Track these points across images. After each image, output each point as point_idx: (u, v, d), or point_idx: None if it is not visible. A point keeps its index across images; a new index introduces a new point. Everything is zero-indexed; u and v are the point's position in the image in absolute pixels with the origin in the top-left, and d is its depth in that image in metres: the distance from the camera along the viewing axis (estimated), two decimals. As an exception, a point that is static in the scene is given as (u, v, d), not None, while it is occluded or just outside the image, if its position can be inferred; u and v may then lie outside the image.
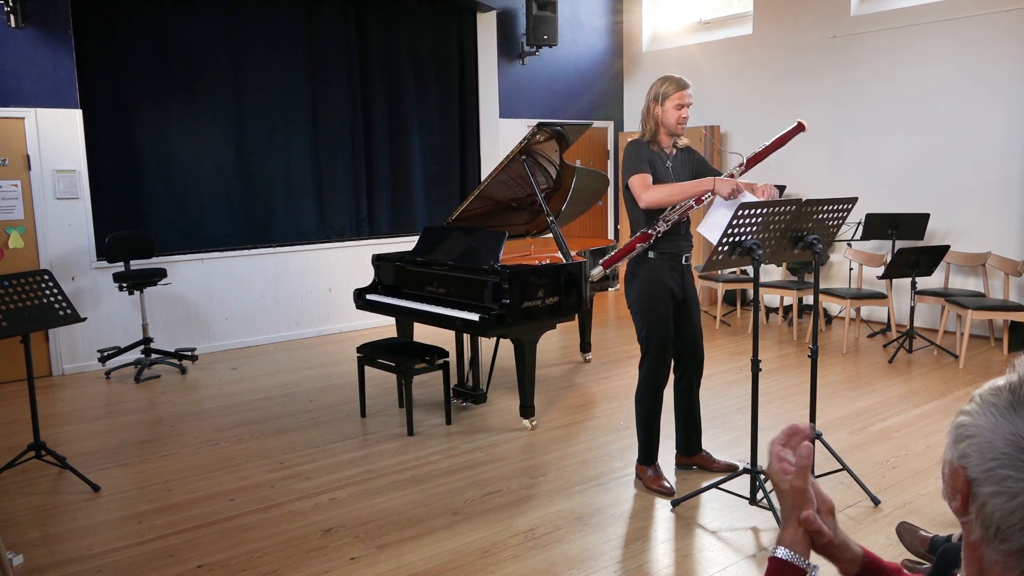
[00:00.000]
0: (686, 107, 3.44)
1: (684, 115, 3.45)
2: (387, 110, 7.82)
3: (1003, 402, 0.96)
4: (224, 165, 6.90)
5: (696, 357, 3.72)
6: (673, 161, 3.55)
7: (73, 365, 6.07)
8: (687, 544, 3.14)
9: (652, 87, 3.50)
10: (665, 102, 3.43)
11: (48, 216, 5.89)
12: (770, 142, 3.53)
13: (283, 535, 3.27)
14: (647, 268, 3.52)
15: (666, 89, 3.44)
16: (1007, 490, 0.92)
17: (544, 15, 8.03)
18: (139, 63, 6.39)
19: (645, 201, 3.40)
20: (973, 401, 1.00)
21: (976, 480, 0.96)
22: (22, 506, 3.64)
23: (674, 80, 3.46)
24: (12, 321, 3.61)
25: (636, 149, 3.50)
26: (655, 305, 3.52)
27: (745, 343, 6.58)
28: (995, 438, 0.94)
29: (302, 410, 4.99)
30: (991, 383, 1.00)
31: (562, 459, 4.06)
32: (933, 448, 4.05)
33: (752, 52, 8.02)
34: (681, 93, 3.42)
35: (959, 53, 6.54)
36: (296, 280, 7.13)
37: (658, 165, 3.49)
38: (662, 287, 3.51)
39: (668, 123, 3.45)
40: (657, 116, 3.47)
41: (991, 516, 0.94)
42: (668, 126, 3.46)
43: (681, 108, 3.43)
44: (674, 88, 3.43)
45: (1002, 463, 0.93)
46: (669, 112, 3.43)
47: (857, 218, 6.55)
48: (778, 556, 1.19)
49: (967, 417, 0.99)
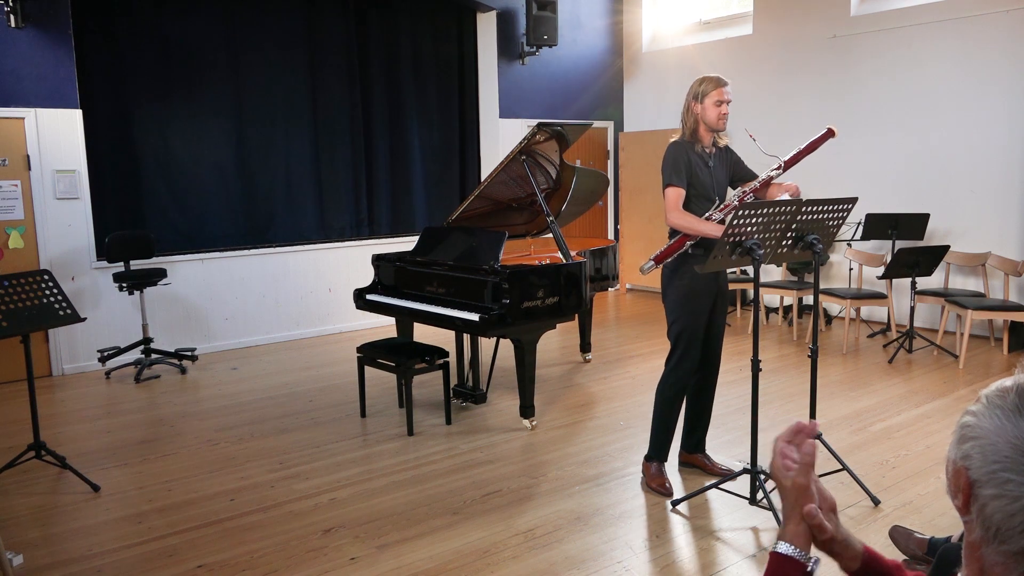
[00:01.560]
0: (725, 103, 3.51)
1: (724, 111, 3.51)
2: (387, 110, 7.82)
3: (1009, 405, 0.96)
4: (224, 165, 6.90)
5: (717, 354, 3.77)
6: (714, 160, 3.59)
7: (73, 365, 6.07)
8: (687, 544, 3.14)
9: (691, 87, 3.57)
10: (704, 99, 3.50)
11: (48, 216, 5.89)
12: (804, 146, 3.59)
13: (283, 535, 3.27)
14: (688, 267, 3.53)
15: (705, 87, 3.51)
16: (1008, 493, 0.92)
17: (544, 15, 8.03)
18: (139, 63, 6.40)
19: (669, 220, 3.50)
20: (979, 402, 1.00)
21: (978, 481, 0.96)
22: (22, 506, 3.64)
23: (712, 79, 3.54)
24: (12, 321, 3.61)
25: (677, 153, 3.53)
26: (695, 303, 3.56)
27: (745, 343, 6.58)
28: (999, 441, 0.94)
29: (302, 410, 4.99)
30: (998, 384, 1.00)
31: (562, 459, 4.06)
32: (933, 448, 4.05)
33: (752, 52, 8.02)
34: (720, 90, 3.50)
35: (959, 53, 6.54)
36: (296, 280, 7.13)
37: (699, 168, 3.53)
38: (704, 286, 3.55)
39: (709, 120, 3.51)
40: (697, 113, 3.53)
41: (991, 518, 0.94)
42: (709, 122, 3.52)
43: (720, 104, 3.50)
44: (713, 86, 3.51)
45: (1004, 466, 0.93)
46: (709, 109, 3.50)
47: (857, 218, 6.55)
48: (779, 551, 1.19)
49: (972, 418, 0.99)
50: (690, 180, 3.50)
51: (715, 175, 3.57)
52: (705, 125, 3.53)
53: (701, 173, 3.52)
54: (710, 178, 3.55)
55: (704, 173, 3.54)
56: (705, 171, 3.54)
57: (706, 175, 3.54)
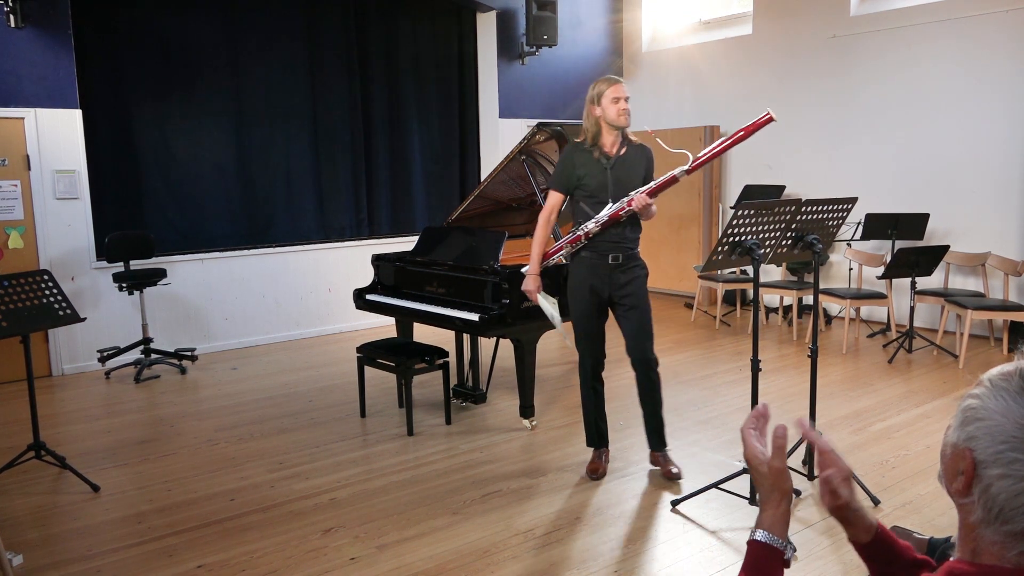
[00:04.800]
0: (623, 99, 3.54)
1: (623, 106, 3.54)
2: (387, 110, 7.82)
3: (1014, 387, 0.98)
4: (224, 165, 6.90)
5: (641, 356, 3.76)
6: (617, 162, 3.60)
7: (73, 365, 6.07)
8: (687, 544, 3.14)
9: (587, 94, 3.62)
10: (602, 100, 3.54)
11: (48, 216, 5.89)
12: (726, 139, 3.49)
13: (283, 535, 3.27)
14: (574, 265, 3.75)
15: (600, 88, 3.57)
16: (1015, 473, 0.94)
17: (544, 15, 8.03)
18: (139, 63, 6.39)
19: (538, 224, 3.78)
20: (981, 385, 1.02)
21: (983, 462, 0.97)
22: (22, 506, 3.64)
23: (605, 79, 3.61)
24: (12, 321, 3.61)
25: (565, 157, 3.68)
26: (574, 301, 3.75)
27: (745, 343, 6.58)
28: (1006, 422, 0.96)
29: (302, 410, 4.99)
30: (1000, 368, 1.01)
31: (562, 459, 4.06)
32: (933, 448, 4.05)
33: (752, 52, 8.02)
34: (614, 87, 3.54)
35: (959, 53, 6.54)
36: (296, 280, 7.13)
37: (593, 170, 3.59)
38: (582, 284, 3.69)
39: (610, 117, 3.54)
40: (598, 116, 3.57)
41: (996, 498, 0.96)
42: (611, 120, 3.54)
43: (618, 101, 3.53)
44: (607, 85, 3.56)
45: (1012, 446, 0.95)
46: (608, 107, 3.54)
47: (857, 218, 6.55)
48: (757, 539, 1.20)
49: (976, 400, 1.00)
50: (579, 183, 3.60)
51: (614, 177, 3.58)
52: (608, 125, 3.56)
53: (592, 176, 3.58)
54: (604, 180, 3.58)
55: (596, 175, 3.58)
56: (598, 174, 3.58)
57: (598, 178, 3.58)
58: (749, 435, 1.26)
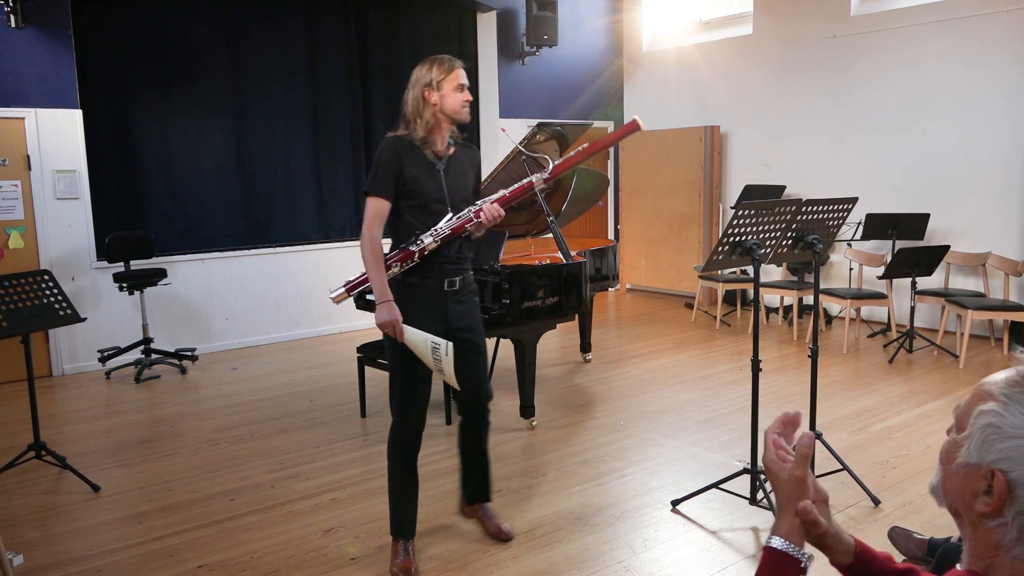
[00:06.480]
0: (466, 88, 2.90)
1: (467, 97, 2.89)
2: (387, 110, 7.81)
3: None
4: (224, 165, 6.90)
5: (477, 399, 3.09)
6: (449, 163, 2.95)
7: (73, 365, 6.07)
8: (687, 544, 3.14)
9: (416, 77, 2.91)
10: (443, 86, 2.85)
11: (48, 216, 5.89)
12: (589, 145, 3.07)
13: (283, 535, 3.27)
14: (399, 293, 2.84)
15: (438, 72, 2.86)
16: None
17: (544, 15, 8.03)
18: (139, 63, 6.39)
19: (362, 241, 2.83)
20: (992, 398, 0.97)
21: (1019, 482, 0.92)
22: (22, 506, 3.64)
23: (442, 60, 2.91)
24: (12, 321, 3.61)
25: (391, 155, 2.84)
26: (396, 344, 2.83)
27: (745, 343, 6.58)
28: None
29: (302, 410, 4.99)
30: (1004, 377, 0.97)
31: (562, 459, 4.06)
32: (933, 448, 4.05)
33: (752, 52, 8.02)
34: (457, 71, 2.88)
35: (959, 53, 6.54)
36: (296, 280, 7.13)
37: (424, 173, 2.87)
38: (412, 320, 2.81)
39: (451, 108, 2.86)
40: (435, 104, 2.85)
41: None
42: (452, 112, 2.87)
43: (462, 90, 2.87)
44: (448, 68, 2.87)
45: None
46: (449, 96, 2.85)
47: (857, 218, 6.55)
48: (773, 546, 1.16)
49: (995, 417, 0.96)
50: (408, 188, 2.84)
51: (450, 182, 2.92)
52: (445, 117, 2.87)
53: (424, 180, 2.86)
54: (439, 185, 2.89)
55: (429, 179, 2.87)
56: (430, 179, 2.87)
57: (431, 182, 2.87)
58: (773, 439, 1.20)
